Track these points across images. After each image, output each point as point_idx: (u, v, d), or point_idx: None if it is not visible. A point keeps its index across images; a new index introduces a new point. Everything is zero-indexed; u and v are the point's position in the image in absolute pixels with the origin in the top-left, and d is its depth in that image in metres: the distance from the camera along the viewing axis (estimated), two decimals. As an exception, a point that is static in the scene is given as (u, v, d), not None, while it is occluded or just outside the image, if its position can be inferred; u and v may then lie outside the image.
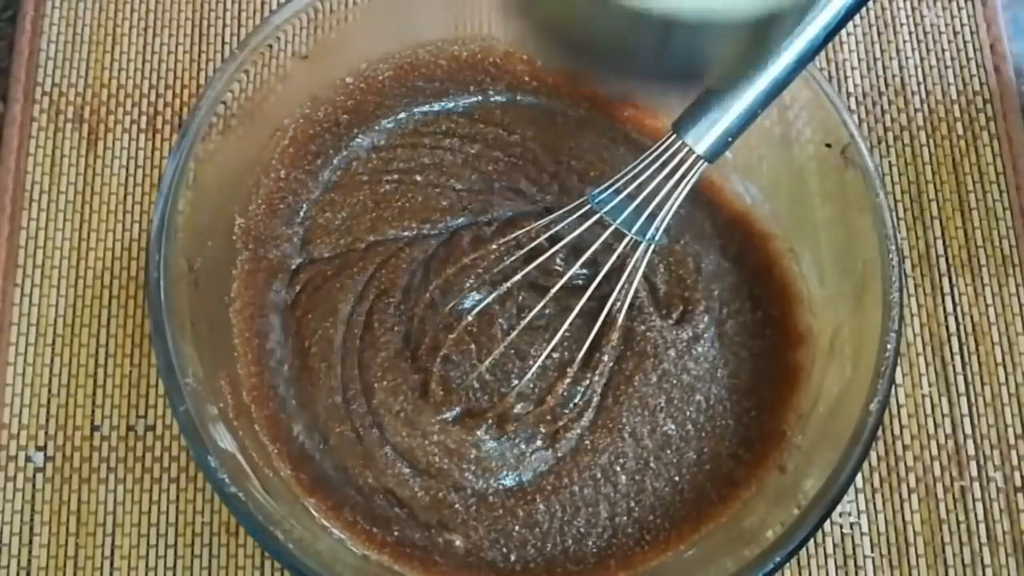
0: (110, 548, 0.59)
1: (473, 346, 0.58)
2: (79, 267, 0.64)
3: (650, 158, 0.51)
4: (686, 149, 0.50)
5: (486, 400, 0.58)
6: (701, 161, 0.50)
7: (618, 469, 0.57)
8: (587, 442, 0.57)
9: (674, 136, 0.50)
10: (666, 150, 0.50)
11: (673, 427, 0.58)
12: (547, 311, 0.59)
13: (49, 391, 0.61)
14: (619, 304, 0.58)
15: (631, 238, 0.53)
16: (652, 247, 0.54)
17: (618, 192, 0.53)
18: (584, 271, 0.59)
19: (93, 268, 0.64)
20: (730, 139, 0.50)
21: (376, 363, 0.58)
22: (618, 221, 0.52)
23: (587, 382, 0.58)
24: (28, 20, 0.68)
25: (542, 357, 0.57)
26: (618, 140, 0.63)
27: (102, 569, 0.58)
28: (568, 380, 0.58)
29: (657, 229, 0.52)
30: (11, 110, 0.67)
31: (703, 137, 0.49)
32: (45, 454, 0.60)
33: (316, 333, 0.58)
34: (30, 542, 0.59)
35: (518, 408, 0.57)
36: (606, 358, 0.59)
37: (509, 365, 0.58)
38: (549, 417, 0.57)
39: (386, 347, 0.58)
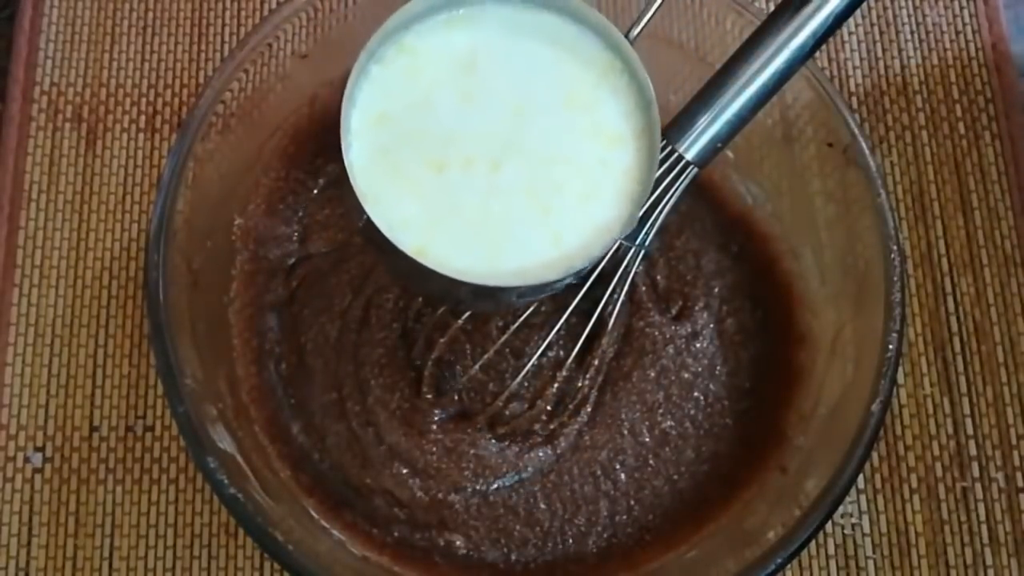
0: (108, 549, 0.58)
1: (468, 345, 0.58)
2: (78, 267, 0.63)
3: None
4: (676, 155, 0.50)
5: (481, 400, 0.58)
6: (691, 167, 0.50)
7: (617, 467, 0.57)
8: (586, 438, 0.57)
9: (664, 142, 0.50)
10: None
11: (672, 423, 0.58)
12: (543, 309, 0.58)
13: (48, 392, 0.61)
14: (611, 308, 0.57)
15: (620, 243, 0.53)
16: (642, 253, 0.54)
17: None
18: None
19: (92, 268, 0.64)
20: (719, 145, 0.50)
21: (372, 359, 0.57)
22: None
23: (585, 379, 0.58)
24: (27, 19, 0.68)
25: (536, 355, 0.56)
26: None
27: (100, 570, 0.58)
28: (564, 378, 0.58)
29: (647, 234, 0.52)
30: (9, 109, 0.66)
31: (693, 143, 0.50)
32: (43, 455, 0.60)
33: (312, 329, 0.58)
34: (28, 543, 0.58)
35: (514, 406, 0.57)
36: (604, 354, 0.58)
37: (504, 364, 0.58)
38: (544, 417, 0.57)
39: (383, 343, 0.58)
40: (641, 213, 0.49)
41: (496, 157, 0.48)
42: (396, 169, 0.48)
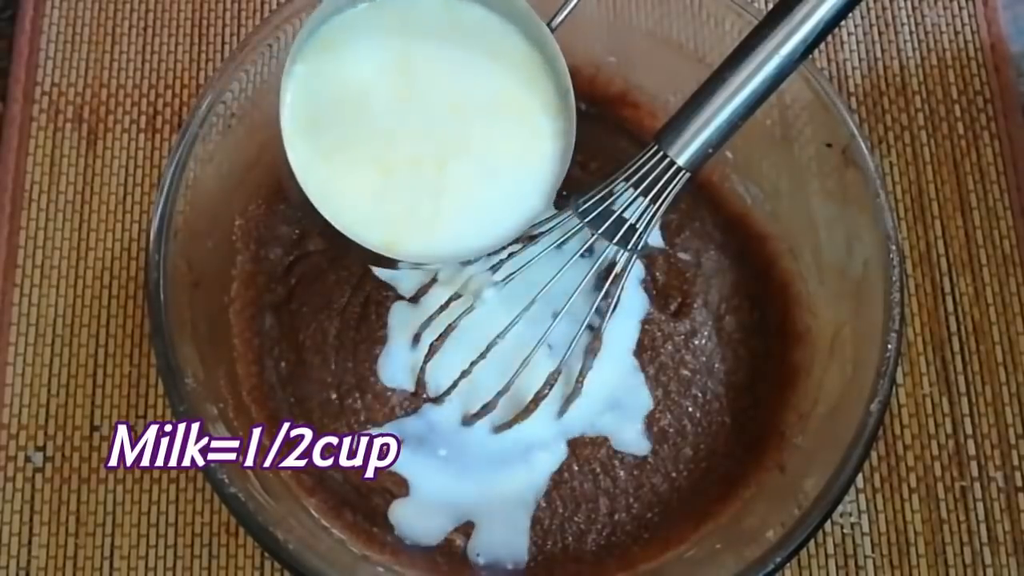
0: (109, 548, 0.59)
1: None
2: (79, 267, 0.64)
3: (632, 168, 0.52)
4: (667, 160, 0.50)
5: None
6: (682, 172, 0.50)
7: (616, 463, 0.57)
8: (585, 435, 0.57)
9: (656, 147, 0.50)
10: (648, 160, 0.51)
11: (670, 420, 0.58)
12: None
13: (48, 391, 0.61)
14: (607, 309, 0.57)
15: (612, 247, 0.53)
16: (635, 256, 0.54)
17: (602, 201, 0.53)
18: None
19: (93, 268, 0.64)
20: (711, 150, 0.50)
21: (372, 357, 0.57)
22: (600, 231, 0.52)
23: (582, 376, 0.58)
24: (28, 20, 0.68)
25: (533, 354, 0.56)
26: (618, 133, 0.64)
27: (101, 569, 0.58)
28: (561, 375, 0.58)
29: (641, 238, 0.53)
30: (11, 110, 0.66)
31: (684, 148, 0.50)
32: (44, 454, 0.60)
33: (311, 326, 0.58)
34: (29, 542, 0.58)
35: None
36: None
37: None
38: (543, 415, 0.57)
39: (382, 341, 0.58)
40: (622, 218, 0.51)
41: (441, 156, 0.51)
42: (342, 172, 0.50)
